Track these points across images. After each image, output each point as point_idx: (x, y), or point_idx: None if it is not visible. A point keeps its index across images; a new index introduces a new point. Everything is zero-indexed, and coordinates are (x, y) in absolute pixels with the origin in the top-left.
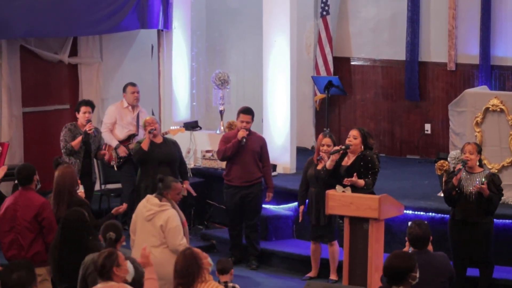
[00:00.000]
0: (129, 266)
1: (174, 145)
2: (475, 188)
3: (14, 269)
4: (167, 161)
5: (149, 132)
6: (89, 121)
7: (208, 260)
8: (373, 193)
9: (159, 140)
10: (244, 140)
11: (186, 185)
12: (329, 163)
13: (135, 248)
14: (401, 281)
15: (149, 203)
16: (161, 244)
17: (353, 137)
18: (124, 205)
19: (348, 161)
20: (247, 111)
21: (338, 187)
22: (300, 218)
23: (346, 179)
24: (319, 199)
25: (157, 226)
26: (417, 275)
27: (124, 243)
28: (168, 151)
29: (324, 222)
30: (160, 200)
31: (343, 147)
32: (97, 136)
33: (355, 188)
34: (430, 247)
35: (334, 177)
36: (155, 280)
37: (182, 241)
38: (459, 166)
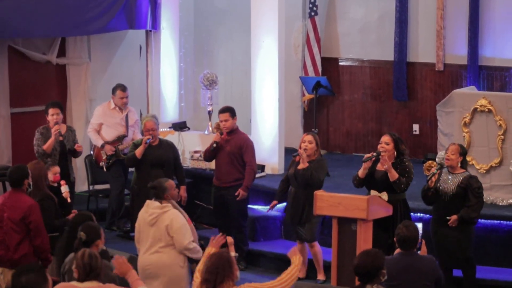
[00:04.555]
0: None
1: (170, 148)
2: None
3: (24, 272)
4: (160, 163)
5: (146, 143)
6: (56, 123)
7: (238, 273)
8: (405, 200)
9: (155, 142)
10: (215, 145)
11: (182, 191)
12: (361, 171)
13: (143, 256)
14: (372, 278)
15: (150, 208)
16: (168, 246)
17: (385, 143)
18: (74, 211)
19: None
20: (223, 110)
21: (373, 192)
22: (268, 210)
23: (383, 161)
24: (295, 199)
25: (162, 228)
26: (386, 271)
27: (103, 247)
28: (161, 154)
29: (298, 222)
30: (161, 203)
31: (375, 154)
32: (71, 135)
33: (391, 193)
34: (424, 249)
35: (368, 183)
36: (141, 280)
37: (190, 239)
38: (433, 169)
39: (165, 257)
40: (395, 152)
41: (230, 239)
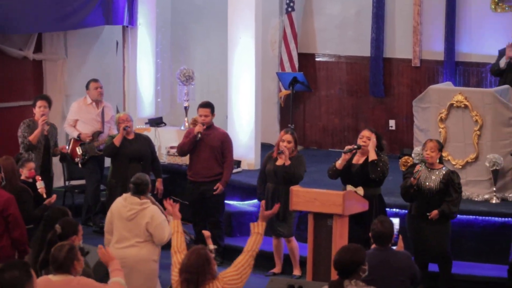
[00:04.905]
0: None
1: (146, 142)
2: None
3: (7, 268)
4: (138, 157)
5: (124, 129)
6: (43, 115)
7: (216, 268)
8: (381, 196)
9: (131, 136)
10: (199, 135)
11: (159, 183)
12: (340, 162)
13: (111, 247)
14: (351, 274)
15: (128, 203)
16: (145, 241)
17: (367, 138)
18: (54, 196)
19: (359, 159)
20: (204, 105)
21: (349, 187)
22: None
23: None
24: (276, 194)
25: (141, 225)
26: (366, 267)
27: (80, 243)
28: (139, 148)
29: (281, 218)
30: (140, 198)
31: (355, 146)
32: (54, 132)
33: (367, 188)
34: (400, 244)
35: (344, 176)
36: (121, 271)
37: (169, 233)
38: (418, 167)
39: (142, 252)
40: (376, 147)
41: (207, 233)
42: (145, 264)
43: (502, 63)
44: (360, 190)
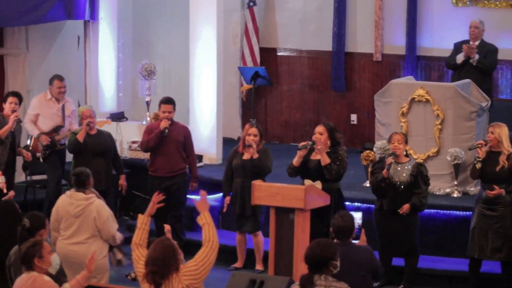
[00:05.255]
0: (55, 259)
1: (109, 137)
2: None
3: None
4: (102, 152)
5: (87, 125)
6: (14, 111)
7: (182, 257)
8: (339, 190)
9: (93, 131)
10: (167, 130)
11: (122, 179)
12: (296, 159)
13: (64, 244)
14: (322, 269)
15: (74, 199)
16: (93, 236)
17: (319, 133)
18: (11, 193)
19: (316, 155)
20: (167, 101)
21: (306, 181)
22: (225, 209)
23: (318, 142)
24: (244, 189)
25: (89, 220)
26: (338, 263)
27: (47, 238)
28: (102, 143)
29: (250, 213)
30: (85, 193)
31: (310, 142)
32: (19, 128)
33: (325, 182)
34: (363, 238)
35: (302, 173)
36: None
37: (116, 227)
38: (390, 160)
39: (91, 249)
40: (330, 141)
41: (167, 227)
42: (95, 261)
43: (459, 59)
44: (319, 184)
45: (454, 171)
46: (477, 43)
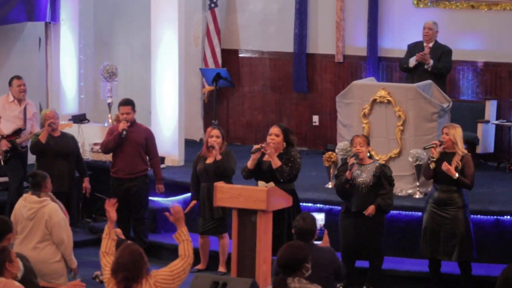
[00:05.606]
0: (20, 263)
1: (72, 140)
2: (367, 213)
3: None
4: (65, 154)
5: (49, 125)
6: None
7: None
8: (294, 190)
9: (57, 133)
10: (125, 132)
11: (86, 182)
12: (250, 162)
13: (18, 248)
14: (295, 271)
15: (28, 202)
16: (45, 240)
17: (275, 135)
18: None
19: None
20: (125, 103)
21: (260, 183)
22: (186, 210)
23: (266, 146)
24: (210, 193)
25: (41, 223)
26: (310, 266)
27: (13, 241)
28: (65, 145)
29: (219, 215)
30: (39, 197)
31: (263, 145)
32: None
33: (278, 183)
34: (326, 239)
35: (256, 174)
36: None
37: (68, 233)
38: (352, 160)
39: (42, 254)
40: (285, 143)
41: (118, 230)
42: (47, 266)
43: (411, 63)
44: (272, 185)
45: (416, 172)
46: (431, 44)
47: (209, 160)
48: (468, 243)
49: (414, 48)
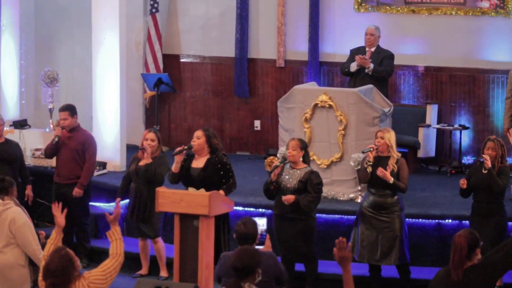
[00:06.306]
0: None
1: (16, 147)
2: (284, 201)
3: None
4: (8, 160)
5: None
6: None
7: (79, 263)
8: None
9: (1, 139)
10: (57, 138)
11: (29, 190)
12: (174, 165)
13: None
14: (248, 276)
15: None
16: (9, 245)
17: (197, 137)
18: None
19: (198, 163)
20: (62, 109)
21: (190, 189)
22: (114, 210)
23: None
24: (137, 195)
25: (4, 226)
26: (261, 271)
27: None
28: (9, 151)
29: (146, 219)
30: (3, 199)
31: (185, 147)
32: None
33: (209, 190)
34: (268, 243)
35: (185, 180)
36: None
37: (34, 237)
38: (277, 162)
39: (7, 257)
40: (208, 147)
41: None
42: (11, 270)
43: (353, 67)
44: (203, 191)
45: (358, 176)
46: (373, 49)
47: (142, 162)
48: (405, 246)
49: (357, 52)
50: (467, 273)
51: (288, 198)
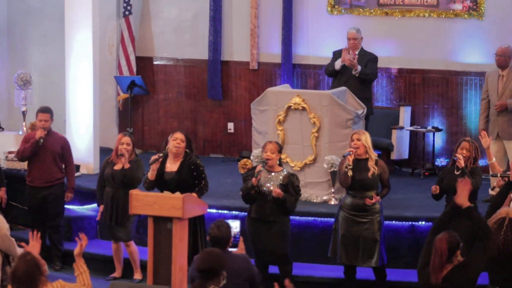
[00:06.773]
0: None
1: None
2: (274, 193)
3: None
4: None
5: None
6: None
7: (46, 267)
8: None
9: None
10: (42, 140)
11: (2, 192)
12: (150, 173)
13: None
14: (213, 278)
15: None
16: None
17: (181, 141)
18: None
19: (172, 167)
20: (43, 110)
21: (166, 193)
22: (98, 217)
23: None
24: (113, 199)
25: None
26: (226, 274)
27: None
28: None
29: (120, 223)
30: None
31: (161, 154)
32: None
33: (183, 191)
34: (241, 246)
35: (160, 185)
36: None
37: (13, 240)
38: (260, 167)
39: None
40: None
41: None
42: None
43: (337, 65)
44: (178, 195)
45: (331, 178)
46: (357, 51)
47: (117, 167)
48: (382, 248)
49: (339, 55)
50: (448, 277)
51: (279, 192)
